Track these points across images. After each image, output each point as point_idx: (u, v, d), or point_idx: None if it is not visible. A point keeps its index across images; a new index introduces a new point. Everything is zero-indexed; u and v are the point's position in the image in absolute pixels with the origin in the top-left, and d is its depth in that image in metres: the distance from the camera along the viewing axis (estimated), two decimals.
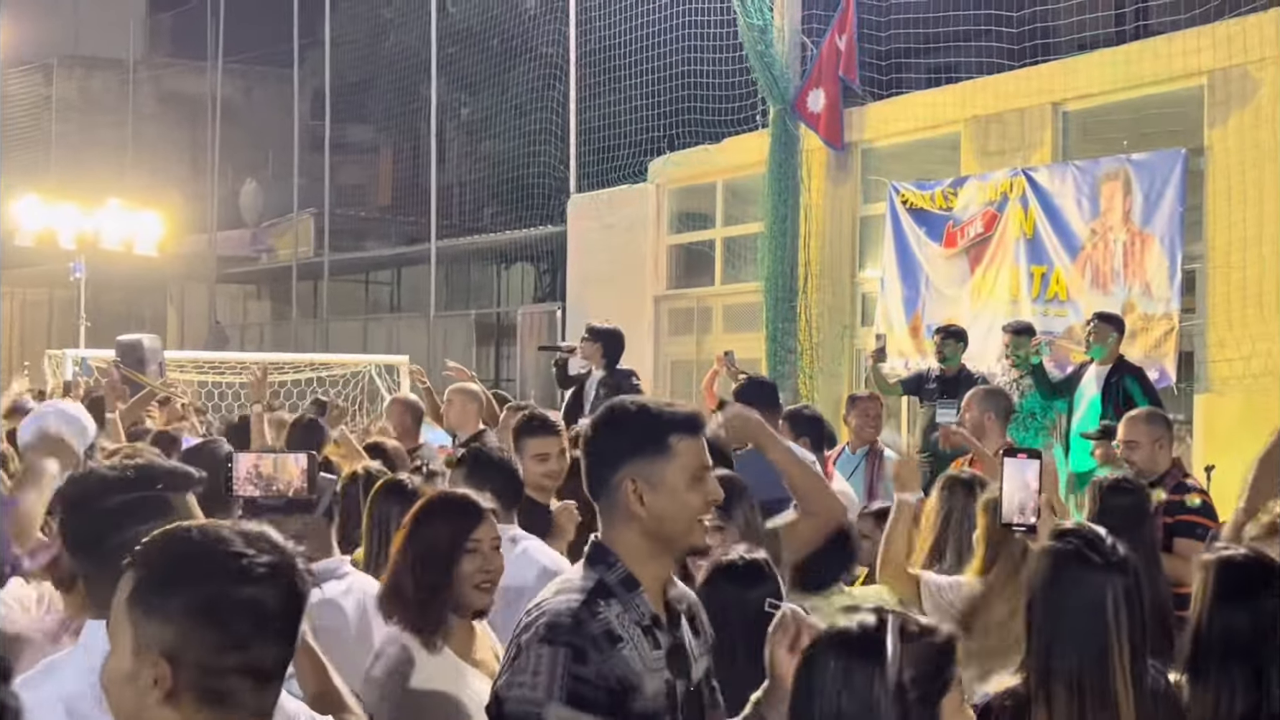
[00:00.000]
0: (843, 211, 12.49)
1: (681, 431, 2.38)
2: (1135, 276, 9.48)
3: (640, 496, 2.34)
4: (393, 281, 24.29)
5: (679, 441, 2.37)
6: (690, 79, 14.49)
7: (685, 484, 2.35)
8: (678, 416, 2.39)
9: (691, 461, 2.37)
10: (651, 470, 2.35)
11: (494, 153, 19.96)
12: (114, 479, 2.25)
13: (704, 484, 2.38)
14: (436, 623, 3.08)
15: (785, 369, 12.57)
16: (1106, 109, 10.32)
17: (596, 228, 15.69)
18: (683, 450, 2.37)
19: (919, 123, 11.72)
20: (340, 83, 22.20)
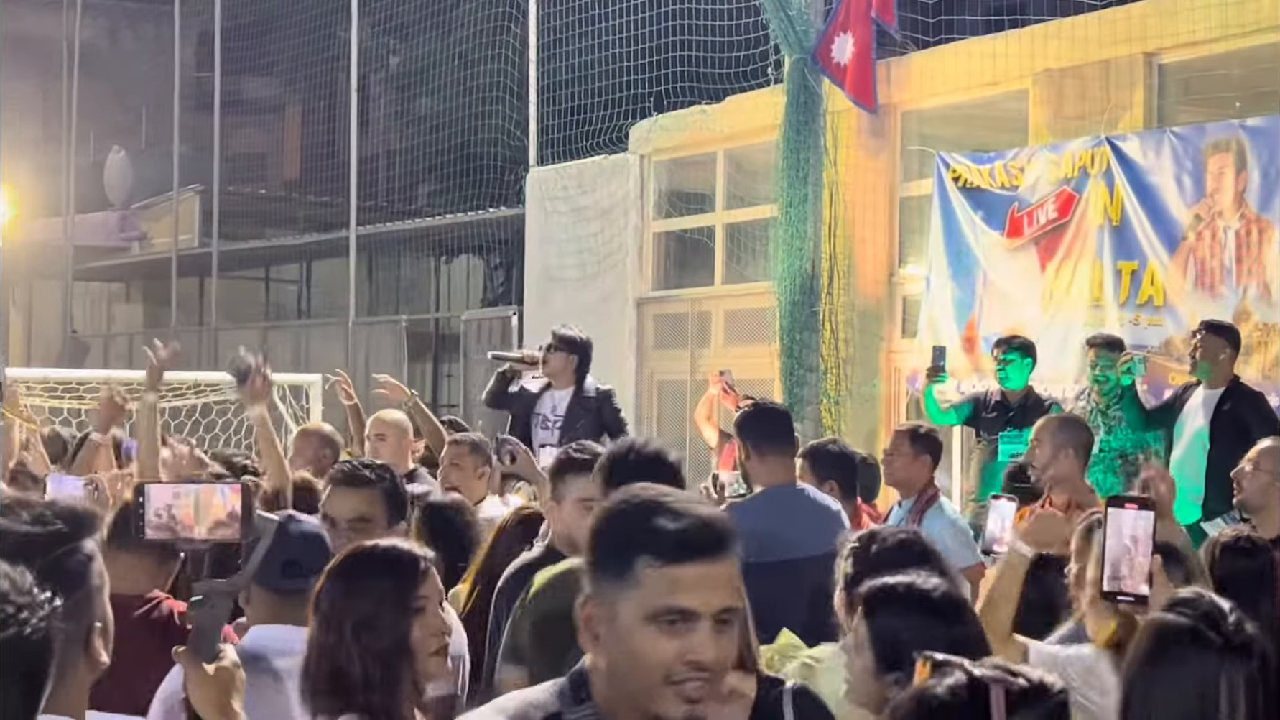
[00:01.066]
0: (878, 191, 12.50)
1: (654, 555, 2.22)
2: (1251, 275, 9.49)
3: (595, 632, 2.28)
4: (301, 279, 24.24)
5: (648, 569, 2.23)
6: (683, 20, 14.50)
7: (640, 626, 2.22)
8: (660, 532, 2.23)
9: (657, 600, 2.21)
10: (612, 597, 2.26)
11: (432, 114, 19.93)
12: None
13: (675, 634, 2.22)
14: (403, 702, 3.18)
15: (804, 392, 12.57)
16: (1214, 60, 10.35)
17: (563, 211, 15.68)
18: (651, 581, 2.22)
19: (975, 78, 11.75)
20: (233, 24, 22.16)
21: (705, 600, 2.21)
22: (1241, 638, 2.69)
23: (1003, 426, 8.67)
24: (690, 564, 2.21)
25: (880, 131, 12.48)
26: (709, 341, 14.49)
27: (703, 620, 2.21)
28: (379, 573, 3.28)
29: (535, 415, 9.20)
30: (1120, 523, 3.29)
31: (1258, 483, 5.59)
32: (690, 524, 2.23)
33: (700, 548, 2.22)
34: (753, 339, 13.66)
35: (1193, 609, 2.73)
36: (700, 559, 2.22)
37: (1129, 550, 3.27)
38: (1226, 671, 2.65)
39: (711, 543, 2.23)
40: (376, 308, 21.26)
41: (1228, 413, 7.98)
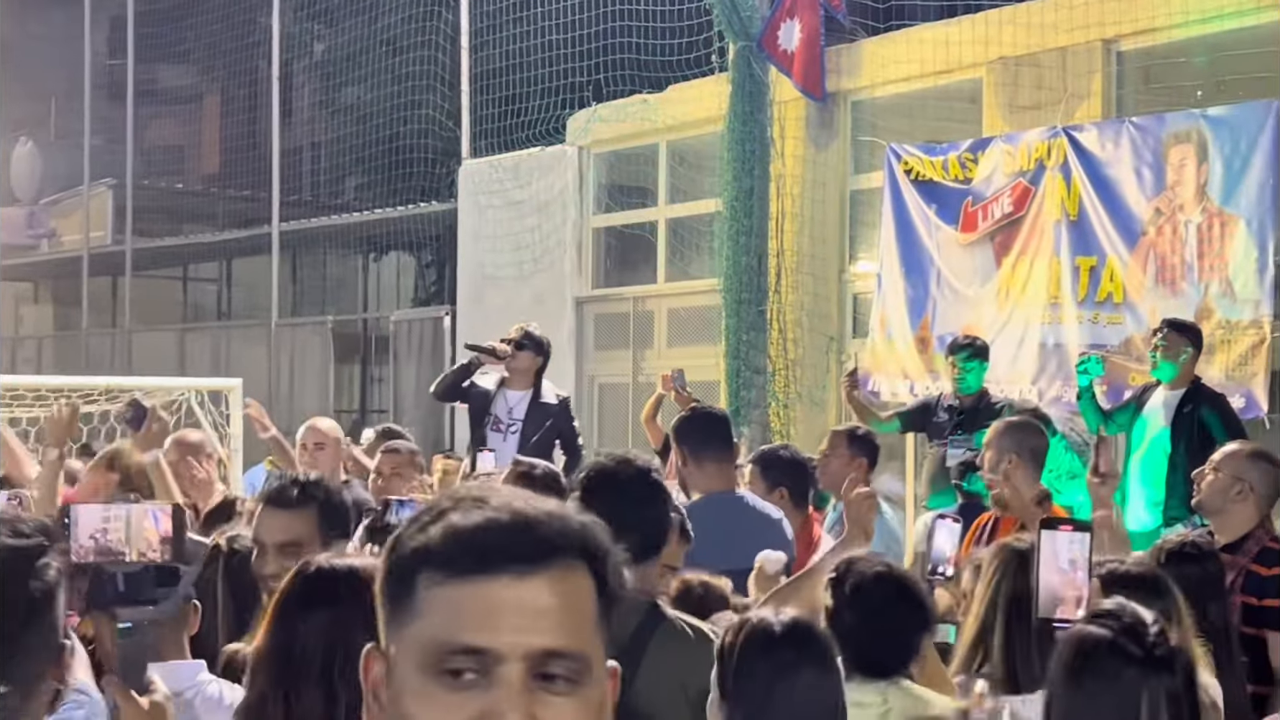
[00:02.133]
0: (827, 184, 12.55)
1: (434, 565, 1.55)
2: (1214, 271, 9.59)
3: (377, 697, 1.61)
4: (220, 278, 24.10)
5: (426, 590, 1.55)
6: (624, 5, 14.50)
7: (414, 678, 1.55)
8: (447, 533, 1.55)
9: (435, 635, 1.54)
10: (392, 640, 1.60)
11: (359, 104, 19.86)
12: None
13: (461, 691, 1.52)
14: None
15: (751, 395, 12.60)
16: (1174, 47, 10.45)
17: (498, 205, 15.65)
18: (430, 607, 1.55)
19: (927, 66, 11.81)
20: (148, 9, 21.99)
21: (511, 635, 1.50)
22: (1163, 650, 2.72)
23: (952, 430, 8.73)
24: (483, 577, 1.51)
25: (829, 122, 12.53)
26: (652, 342, 14.50)
27: (507, 666, 1.49)
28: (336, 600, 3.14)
29: (488, 415, 9.19)
30: (1055, 546, 3.27)
31: (1216, 486, 5.64)
32: (492, 519, 1.53)
33: (504, 552, 1.51)
34: (697, 339, 13.69)
35: (1114, 621, 2.76)
36: (502, 570, 1.51)
37: (1064, 575, 3.26)
38: (1148, 686, 2.68)
39: (527, 546, 1.52)
40: (301, 308, 21.15)
41: (1189, 415, 8.06)
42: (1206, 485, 5.72)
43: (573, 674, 1.53)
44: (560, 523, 1.56)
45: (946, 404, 9.05)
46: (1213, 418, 8.02)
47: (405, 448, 7.50)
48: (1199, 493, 5.81)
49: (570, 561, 1.55)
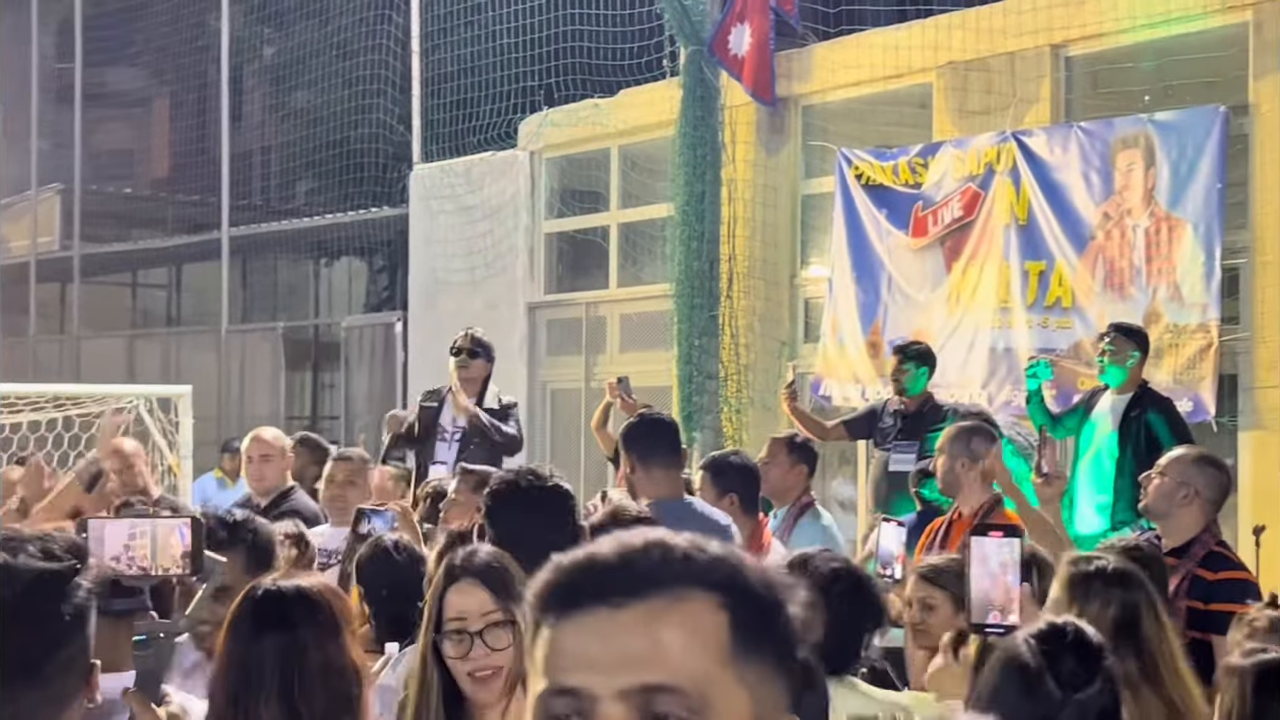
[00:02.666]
0: (778, 188, 12.58)
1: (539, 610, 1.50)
2: (1161, 275, 9.67)
3: None
4: (170, 284, 23.96)
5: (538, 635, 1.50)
6: (575, 10, 14.51)
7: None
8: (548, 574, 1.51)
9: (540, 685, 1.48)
10: None
11: (309, 108, 19.77)
12: None
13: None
14: None
15: (703, 400, 12.63)
16: (1121, 52, 10.53)
17: (450, 210, 15.63)
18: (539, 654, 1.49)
19: (878, 71, 11.86)
20: (96, 11, 21.88)
21: (606, 672, 1.42)
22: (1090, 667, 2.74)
23: (896, 436, 8.78)
24: (577, 614, 1.44)
25: (780, 126, 12.56)
26: (604, 347, 14.50)
27: (605, 706, 1.41)
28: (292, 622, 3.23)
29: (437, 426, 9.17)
30: (985, 552, 3.30)
31: (1162, 490, 5.68)
32: (592, 554, 1.47)
33: (598, 586, 1.44)
34: (650, 344, 13.70)
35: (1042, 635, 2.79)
36: (596, 604, 1.44)
37: (996, 579, 3.29)
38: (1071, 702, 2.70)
39: (625, 579, 1.44)
40: (251, 314, 21.04)
41: (1136, 419, 8.11)
42: (1153, 489, 5.76)
43: (689, 713, 1.40)
44: (673, 552, 1.46)
45: (892, 409, 9.10)
46: (1160, 422, 8.07)
47: (358, 455, 7.48)
48: (1145, 497, 5.86)
49: (682, 592, 1.43)
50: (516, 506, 4.20)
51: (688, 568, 1.44)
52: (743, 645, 1.44)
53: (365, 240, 18.41)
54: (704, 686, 1.41)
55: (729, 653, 1.43)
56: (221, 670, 3.21)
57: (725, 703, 1.42)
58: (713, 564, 1.46)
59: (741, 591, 1.45)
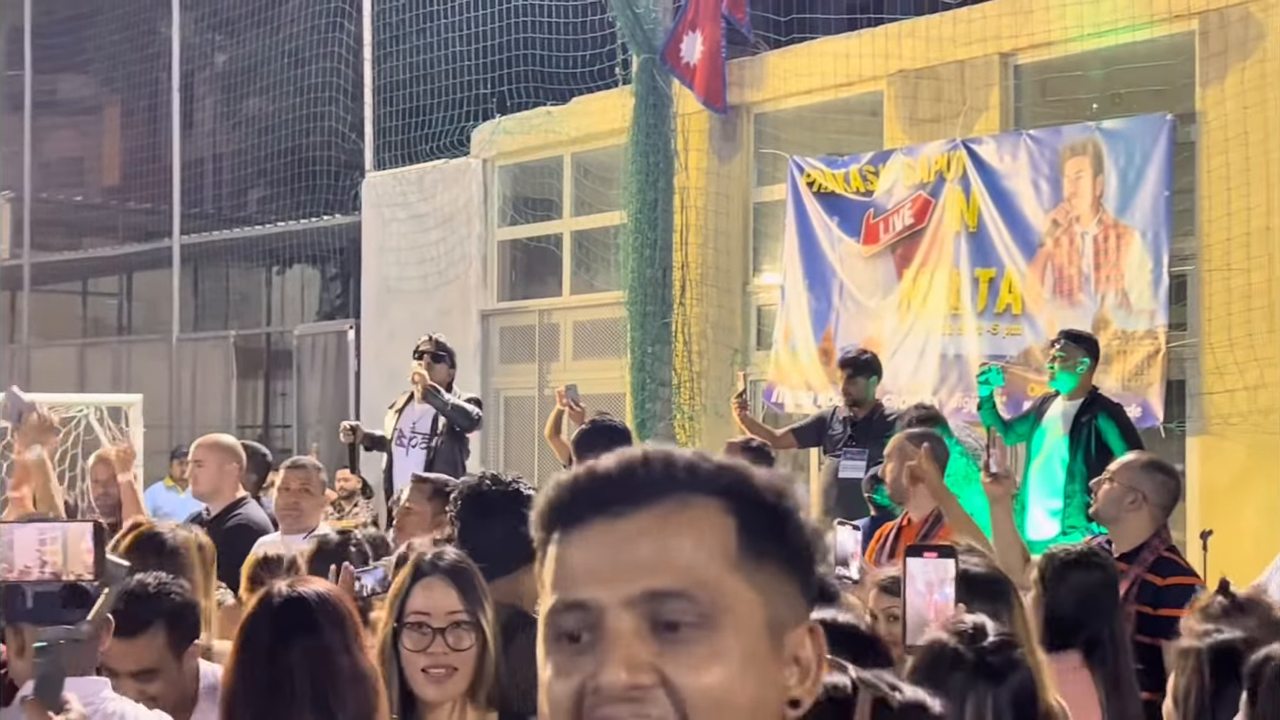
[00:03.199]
0: (730, 196, 12.60)
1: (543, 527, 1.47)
2: (1110, 282, 9.73)
3: None
4: (121, 292, 23.80)
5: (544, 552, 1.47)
6: (527, 18, 14.50)
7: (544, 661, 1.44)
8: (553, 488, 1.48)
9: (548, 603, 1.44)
10: None
11: (261, 115, 19.69)
12: None
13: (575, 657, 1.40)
14: None
15: (657, 407, 12.63)
16: (1070, 61, 10.59)
17: (403, 218, 15.59)
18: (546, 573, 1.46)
19: (829, 79, 11.89)
20: (46, 19, 21.70)
21: (610, 581, 1.38)
22: (998, 660, 2.77)
23: (846, 443, 8.81)
24: (581, 526, 1.41)
25: (732, 134, 12.59)
26: (558, 354, 14.49)
27: (613, 615, 1.37)
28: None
29: (396, 430, 9.19)
30: (918, 572, 3.33)
31: (1110, 496, 5.71)
32: (593, 467, 1.44)
33: (600, 495, 1.41)
34: (603, 352, 13.70)
35: (956, 629, 2.83)
36: (599, 514, 1.40)
37: (930, 600, 3.31)
38: (975, 691, 2.74)
39: (628, 486, 1.40)
40: (203, 322, 20.93)
41: (1087, 425, 8.15)
42: (1102, 495, 5.80)
43: (699, 618, 1.37)
44: (676, 461, 1.42)
45: (841, 416, 9.14)
46: (1110, 427, 8.11)
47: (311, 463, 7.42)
48: (1095, 503, 5.90)
49: (687, 496, 1.40)
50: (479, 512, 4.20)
51: (692, 475, 1.42)
52: (751, 549, 1.41)
53: (317, 248, 18.33)
54: (713, 591, 1.38)
55: (737, 557, 1.40)
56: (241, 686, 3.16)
57: (736, 606, 1.39)
58: (717, 471, 1.43)
59: (748, 496, 1.43)
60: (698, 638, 1.36)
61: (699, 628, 1.36)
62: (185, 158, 19.61)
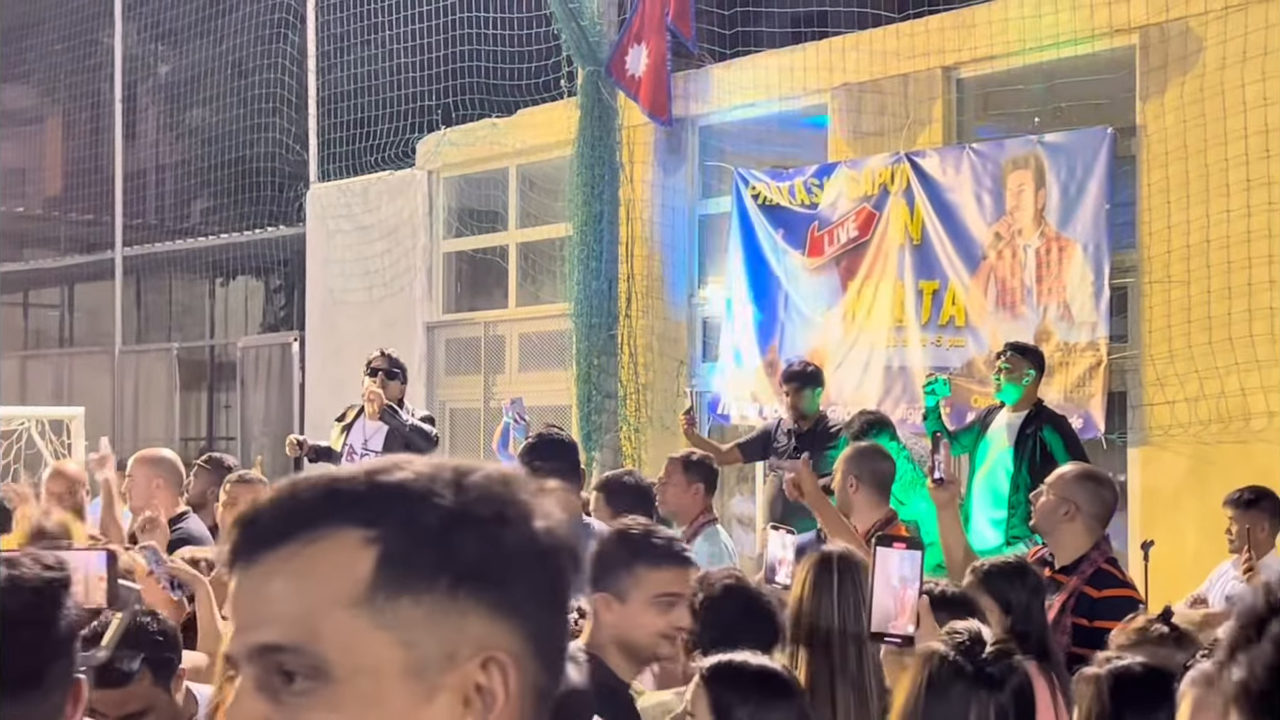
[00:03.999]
0: (676, 208, 12.61)
1: None
2: (1052, 295, 9.79)
3: None
4: (63, 304, 23.61)
5: None
6: (472, 30, 14.47)
7: None
8: None
9: None
10: None
11: (205, 126, 19.58)
12: None
13: None
14: None
15: (602, 419, 12.62)
16: (1012, 74, 10.65)
17: (347, 230, 15.53)
18: None
19: (773, 91, 11.93)
20: None
21: (239, 634, 1.33)
22: (997, 668, 2.80)
23: (792, 454, 8.82)
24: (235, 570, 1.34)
25: (677, 147, 12.60)
26: (503, 366, 14.45)
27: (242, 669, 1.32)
28: None
29: (345, 445, 9.13)
30: (887, 563, 3.36)
31: (1045, 507, 5.75)
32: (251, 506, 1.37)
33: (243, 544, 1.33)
34: (549, 364, 13.68)
35: (954, 639, 2.85)
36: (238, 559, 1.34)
37: (896, 591, 3.34)
38: (977, 700, 2.76)
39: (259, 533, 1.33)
40: (146, 334, 20.77)
41: (1032, 436, 8.19)
42: (1039, 506, 5.82)
43: (310, 670, 1.27)
44: (318, 489, 1.31)
45: (785, 429, 9.16)
46: (1054, 438, 8.16)
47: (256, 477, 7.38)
48: (1034, 514, 5.92)
49: (320, 532, 1.29)
50: None
51: (332, 503, 1.29)
52: (392, 583, 1.28)
53: (261, 260, 18.25)
54: (324, 640, 1.27)
55: (367, 595, 1.27)
56: None
57: (353, 652, 1.27)
58: (367, 493, 1.30)
59: (400, 518, 1.29)
60: (310, 690, 1.27)
61: (310, 679, 1.27)
62: (128, 169, 19.51)
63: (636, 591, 3.77)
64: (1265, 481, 8.61)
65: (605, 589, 3.80)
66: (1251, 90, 9.12)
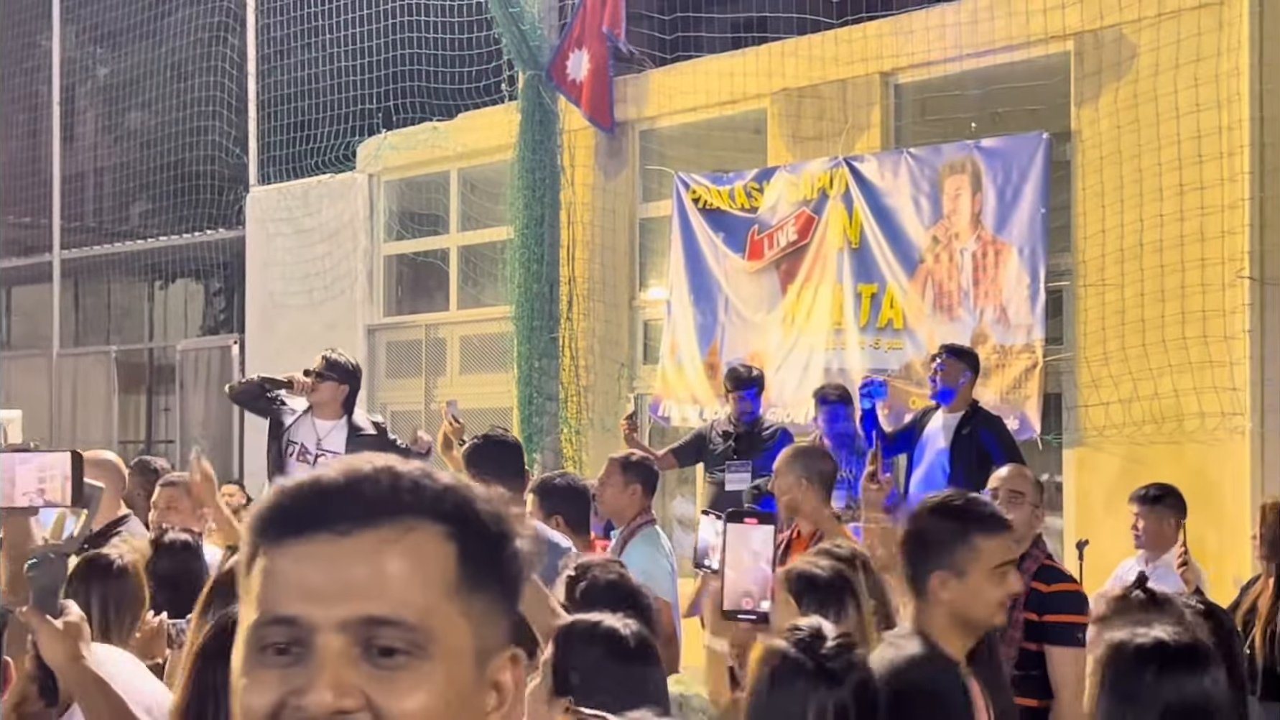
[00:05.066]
0: (617, 212, 12.61)
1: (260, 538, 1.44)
2: (988, 298, 9.85)
3: None
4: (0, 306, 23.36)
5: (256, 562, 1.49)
6: (413, 33, 14.42)
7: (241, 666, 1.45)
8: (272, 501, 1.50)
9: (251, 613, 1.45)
10: None
11: (144, 129, 19.43)
12: None
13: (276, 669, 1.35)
14: None
15: (543, 421, 12.60)
16: (949, 80, 10.72)
17: (287, 233, 15.44)
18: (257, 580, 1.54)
19: (713, 96, 11.95)
20: None
21: (326, 601, 1.35)
22: (837, 664, 2.81)
23: (730, 456, 8.84)
24: (299, 540, 1.38)
25: (618, 151, 12.60)
26: (445, 369, 14.41)
27: (322, 637, 1.35)
28: None
29: (290, 443, 8.93)
30: (740, 538, 3.33)
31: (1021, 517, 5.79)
32: (318, 478, 1.41)
33: (322, 512, 1.38)
34: (490, 366, 13.65)
35: (794, 634, 2.86)
36: (319, 530, 1.38)
37: (750, 568, 3.32)
38: (816, 696, 2.77)
39: (352, 504, 1.38)
40: (84, 337, 20.57)
41: (968, 437, 8.25)
42: None
43: (411, 646, 1.35)
44: (403, 480, 1.40)
45: (721, 430, 9.17)
46: (991, 439, 8.22)
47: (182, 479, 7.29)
48: None
49: (411, 521, 1.38)
50: None
51: (417, 496, 1.39)
52: (468, 578, 1.40)
53: (201, 263, 18.12)
54: (427, 619, 1.36)
55: (455, 585, 1.39)
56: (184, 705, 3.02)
57: (447, 636, 1.38)
58: (443, 493, 1.41)
59: (470, 522, 1.41)
60: (408, 665, 1.35)
61: (411, 655, 1.36)
62: (66, 171, 19.32)
63: (976, 564, 3.68)
64: (1198, 481, 8.73)
65: (940, 566, 3.68)
66: (1184, 96, 9.21)
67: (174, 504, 6.94)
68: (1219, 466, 8.99)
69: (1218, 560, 8.39)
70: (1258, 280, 8.88)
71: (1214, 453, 9.01)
